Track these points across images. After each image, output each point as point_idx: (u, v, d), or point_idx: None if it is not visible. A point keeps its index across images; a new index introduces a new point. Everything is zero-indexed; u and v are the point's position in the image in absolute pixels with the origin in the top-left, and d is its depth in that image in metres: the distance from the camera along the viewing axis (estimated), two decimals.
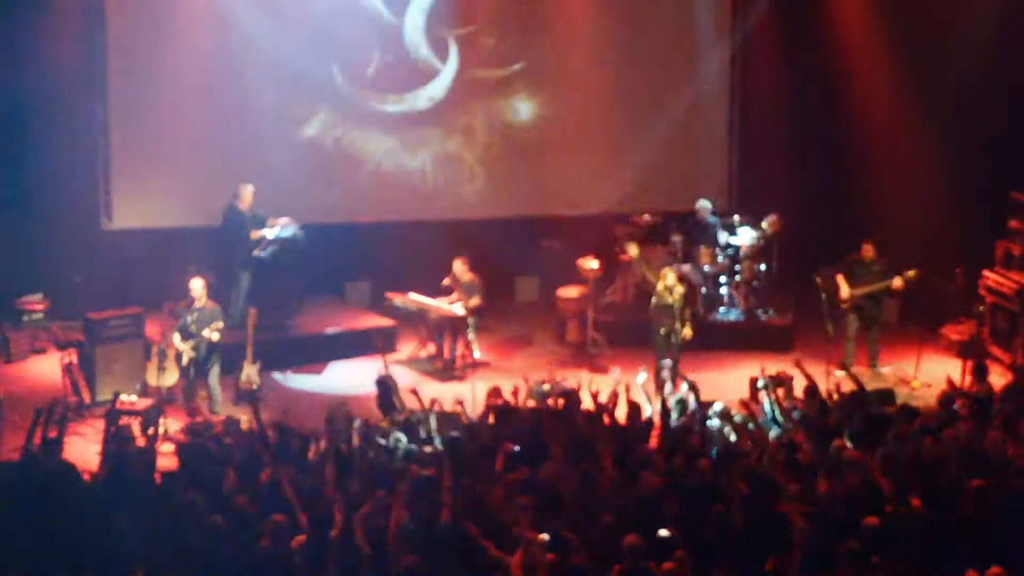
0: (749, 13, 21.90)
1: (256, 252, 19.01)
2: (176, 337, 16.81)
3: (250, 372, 17.52)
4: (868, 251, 18.41)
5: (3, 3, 19.10)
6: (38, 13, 19.20)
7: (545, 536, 11.41)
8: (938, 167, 20.42)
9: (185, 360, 16.83)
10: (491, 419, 14.53)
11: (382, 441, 13.91)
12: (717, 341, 19.10)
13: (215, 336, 16.83)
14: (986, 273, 19.50)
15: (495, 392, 15.29)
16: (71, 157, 19.99)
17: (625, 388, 15.01)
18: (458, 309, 18.89)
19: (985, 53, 20.06)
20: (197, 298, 16.94)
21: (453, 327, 18.99)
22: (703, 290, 19.90)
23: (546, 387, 16.63)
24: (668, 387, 17.03)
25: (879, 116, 21.03)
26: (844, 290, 18.27)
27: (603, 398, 14.62)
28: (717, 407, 14.65)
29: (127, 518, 12.34)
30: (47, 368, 18.31)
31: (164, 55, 19.92)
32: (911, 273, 18.07)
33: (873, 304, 18.46)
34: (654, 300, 18.16)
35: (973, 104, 20.22)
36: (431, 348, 19.30)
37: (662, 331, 17.83)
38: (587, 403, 14.94)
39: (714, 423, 14.36)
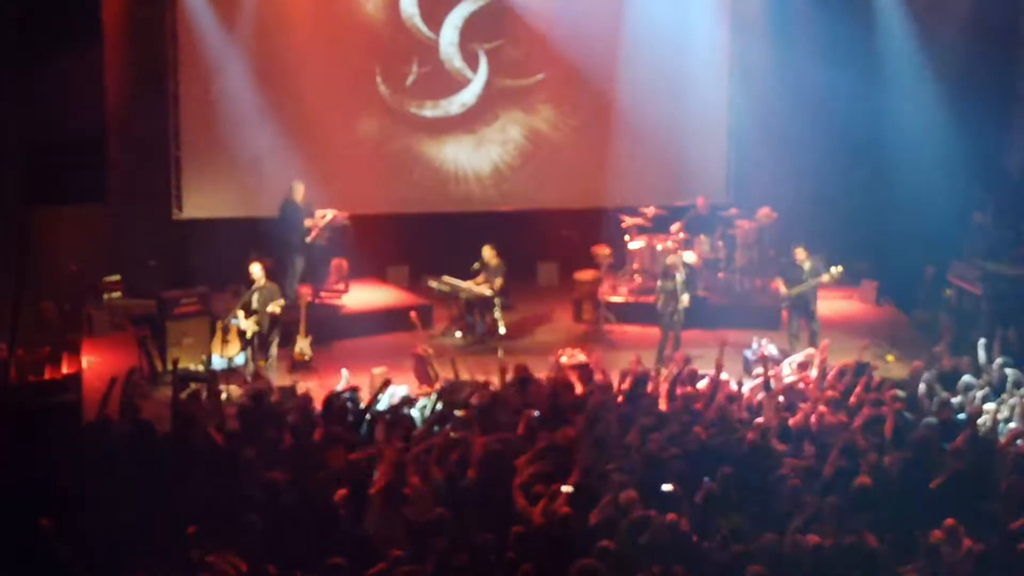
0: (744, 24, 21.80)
1: (308, 239, 19.06)
2: (240, 315, 16.80)
3: (303, 345, 17.55)
4: (800, 254, 17.87)
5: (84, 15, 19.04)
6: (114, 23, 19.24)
7: (567, 488, 11.40)
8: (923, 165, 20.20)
9: (249, 334, 16.82)
10: (516, 388, 14.47)
11: (416, 408, 13.91)
12: (715, 320, 19.00)
13: (276, 309, 16.84)
14: (954, 262, 19.42)
15: (520, 365, 15.27)
16: (147, 157, 20.11)
17: (634, 361, 14.97)
18: (486, 290, 18.89)
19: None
20: (257, 280, 16.94)
21: (481, 306, 18.98)
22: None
23: (563, 360, 16.64)
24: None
25: (871, 114, 20.80)
26: (782, 290, 17.99)
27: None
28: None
29: (196, 473, 12.39)
30: (124, 342, 18.33)
31: (228, 65, 20.03)
32: (836, 270, 17.75)
33: (804, 301, 17.82)
34: (659, 283, 18.14)
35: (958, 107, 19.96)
36: (462, 324, 19.29)
37: (668, 311, 17.77)
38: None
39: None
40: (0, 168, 17.64)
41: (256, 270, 16.98)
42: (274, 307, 16.86)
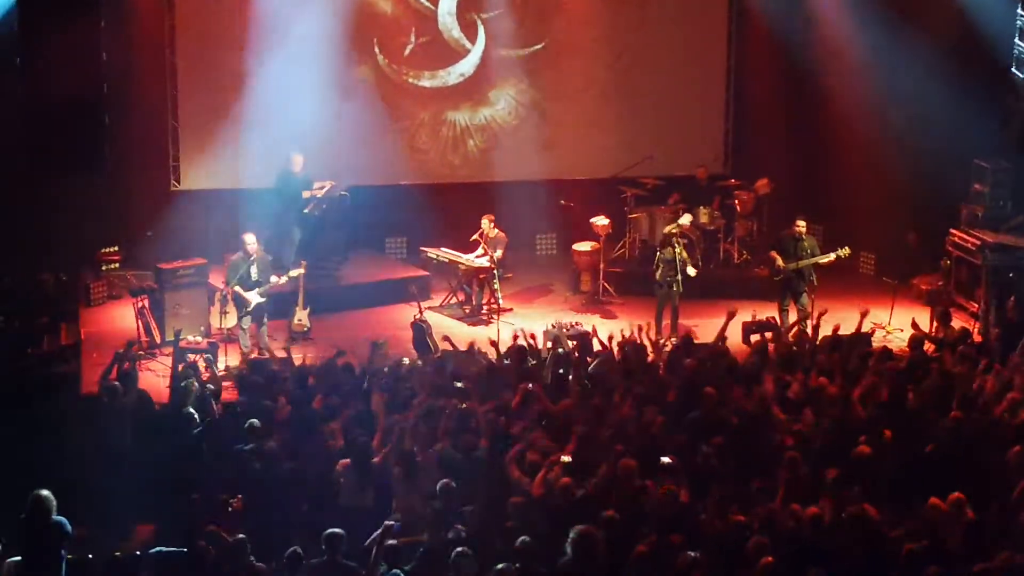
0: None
1: (306, 210, 18.99)
2: (238, 288, 16.71)
3: (301, 316, 17.52)
4: (800, 226, 17.66)
5: None
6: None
7: (567, 457, 11.38)
8: (919, 135, 20.06)
9: (252, 306, 16.76)
10: (513, 359, 14.42)
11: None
12: (713, 291, 18.95)
13: (286, 278, 16.78)
14: (952, 232, 19.38)
15: (518, 336, 15.23)
16: (145, 129, 20.00)
17: (638, 329, 14.93)
18: (485, 261, 18.82)
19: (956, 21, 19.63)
20: (253, 251, 16.87)
21: (480, 277, 18.92)
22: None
23: (562, 330, 16.62)
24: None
25: (864, 86, 20.67)
26: (778, 263, 17.81)
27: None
28: None
29: (192, 440, 12.39)
30: (122, 312, 18.31)
31: (226, 37, 19.91)
32: (843, 251, 17.63)
33: (800, 279, 17.59)
34: (657, 254, 18.09)
35: (944, 74, 19.81)
36: (460, 296, 19.25)
37: (666, 281, 17.72)
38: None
39: None
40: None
41: (251, 240, 16.91)
42: (277, 278, 16.86)
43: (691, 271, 17.81)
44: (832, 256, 17.58)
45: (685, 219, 19.16)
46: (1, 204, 17.87)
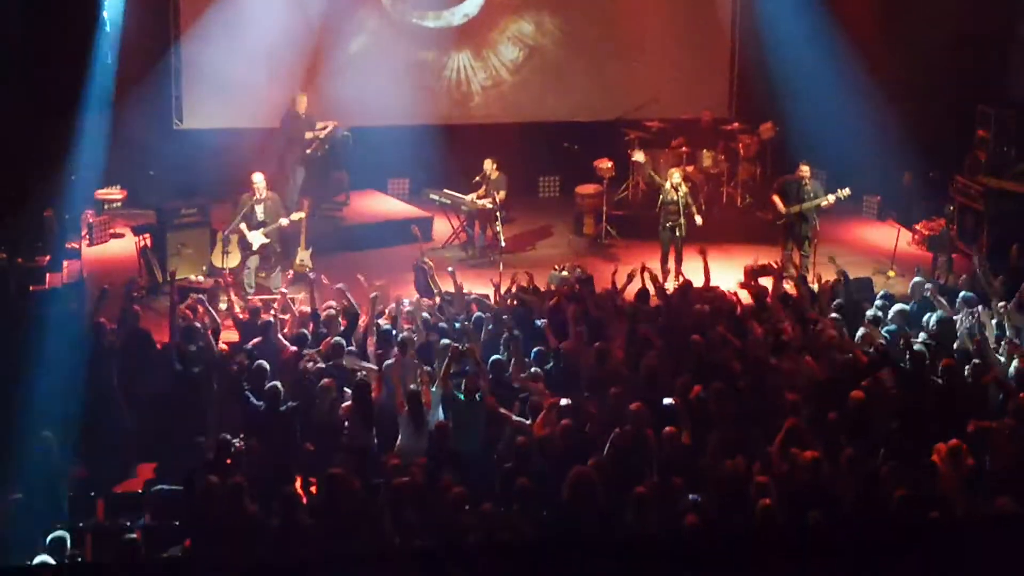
0: None
1: (309, 151, 18.89)
2: (243, 226, 16.66)
3: (304, 257, 17.46)
4: (804, 171, 17.59)
5: None
6: None
7: (565, 400, 11.38)
8: (921, 84, 19.92)
9: (256, 246, 16.71)
10: (515, 302, 14.39)
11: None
12: (716, 234, 18.88)
13: (286, 222, 16.73)
14: (957, 177, 19.29)
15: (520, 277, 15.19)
16: (147, 66, 19.84)
17: (642, 270, 14.90)
18: (487, 203, 18.73)
19: None
20: (260, 191, 16.81)
21: (482, 219, 18.86)
22: None
23: (564, 273, 16.57)
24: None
25: (868, 33, 20.51)
26: (779, 207, 17.71)
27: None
28: None
29: (193, 380, 12.38)
30: (124, 251, 18.25)
31: None
32: (843, 192, 17.54)
33: (803, 222, 17.51)
34: (661, 197, 18.00)
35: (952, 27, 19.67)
36: (463, 237, 19.19)
37: (668, 225, 17.65)
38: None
39: None
40: (1, 78, 17.47)
41: (259, 180, 16.84)
42: (286, 220, 16.77)
43: (698, 220, 17.71)
44: (832, 198, 17.46)
45: (690, 169, 19.14)
46: (2, 142, 17.77)
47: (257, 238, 16.68)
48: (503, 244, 18.43)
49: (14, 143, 17.61)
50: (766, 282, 15.34)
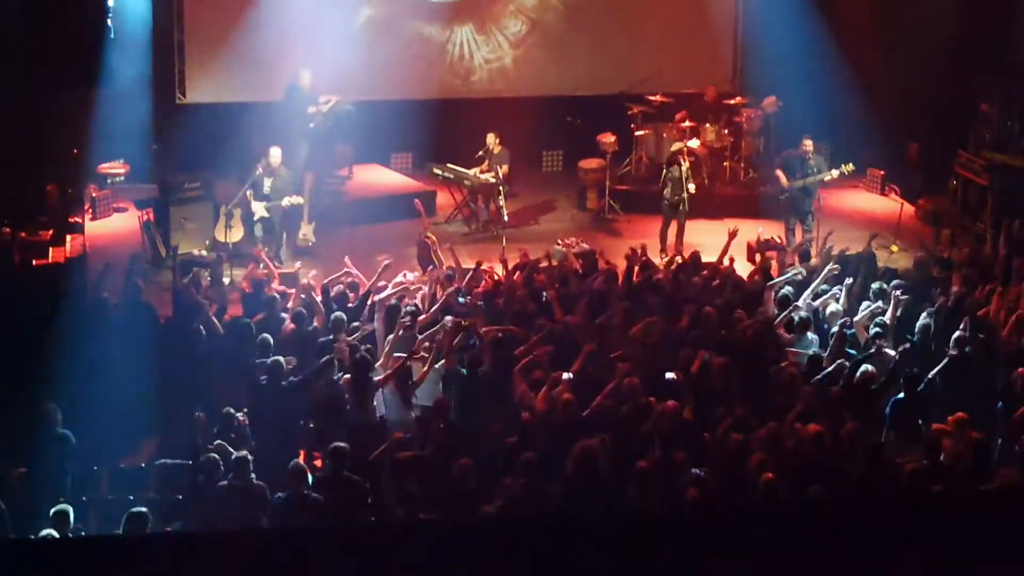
0: None
1: (312, 125, 18.86)
2: (249, 193, 16.68)
3: (306, 231, 17.45)
4: (807, 145, 17.57)
5: None
6: None
7: (568, 375, 11.39)
8: (927, 59, 19.85)
9: (256, 217, 16.71)
10: (518, 276, 14.39)
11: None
12: (719, 209, 18.86)
13: (289, 202, 16.73)
14: (960, 152, 19.25)
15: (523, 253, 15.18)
16: (150, 39, 19.77)
17: (641, 249, 14.89)
18: (490, 177, 18.70)
19: None
20: (273, 164, 16.83)
21: (485, 193, 18.83)
22: None
23: (567, 248, 16.56)
24: None
25: (873, 7, 20.45)
26: (783, 181, 17.64)
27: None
28: None
29: (198, 353, 12.39)
30: (127, 225, 18.25)
31: None
32: (847, 167, 17.47)
33: (805, 196, 17.47)
34: (664, 172, 17.97)
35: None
36: (466, 211, 19.16)
37: (674, 200, 17.62)
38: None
39: None
40: (3, 51, 17.42)
41: (276, 154, 16.85)
42: (289, 201, 16.76)
43: (691, 187, 17.68)
44: (835, 172, 17.45)
45: (694, 142, 19.06)
46: (5, 116, 17.74)
47: (259, 209, 16.69)
48: (506, 219, 18.42)
49: (16, 116, 17.58)
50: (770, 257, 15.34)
